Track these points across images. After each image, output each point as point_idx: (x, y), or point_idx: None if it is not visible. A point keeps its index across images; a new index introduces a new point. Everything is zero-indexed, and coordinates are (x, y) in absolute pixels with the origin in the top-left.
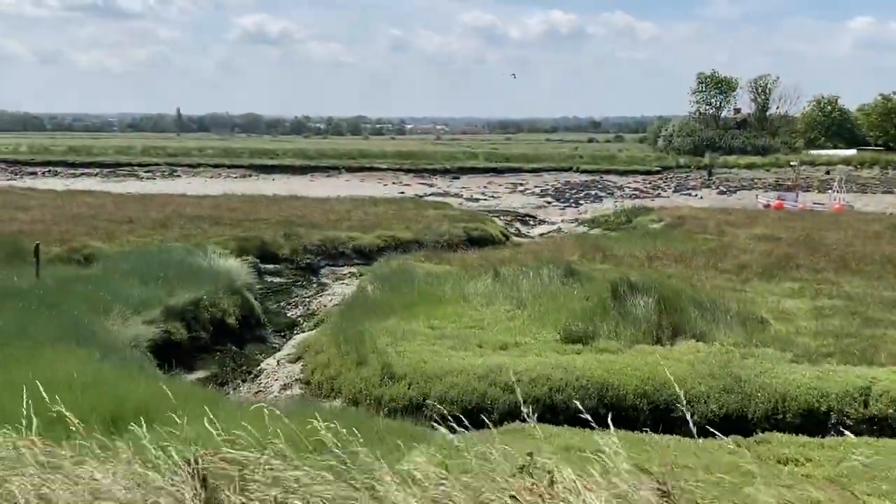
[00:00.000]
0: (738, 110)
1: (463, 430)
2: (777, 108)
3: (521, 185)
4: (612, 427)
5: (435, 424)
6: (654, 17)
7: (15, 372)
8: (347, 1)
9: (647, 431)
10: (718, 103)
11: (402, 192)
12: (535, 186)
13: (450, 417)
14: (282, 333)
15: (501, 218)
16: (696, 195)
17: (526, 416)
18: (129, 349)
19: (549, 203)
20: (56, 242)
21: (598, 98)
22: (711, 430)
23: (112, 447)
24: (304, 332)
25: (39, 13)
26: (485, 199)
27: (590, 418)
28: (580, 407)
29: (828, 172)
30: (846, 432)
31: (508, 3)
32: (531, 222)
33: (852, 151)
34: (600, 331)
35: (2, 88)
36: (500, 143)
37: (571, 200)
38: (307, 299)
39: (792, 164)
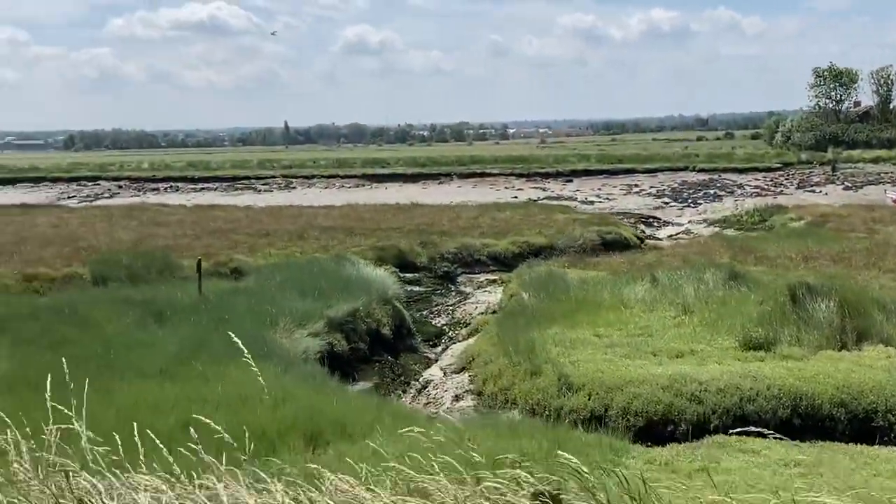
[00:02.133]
0: (857, 103)
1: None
2: None
3: (636, 186)
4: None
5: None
6: (760, 12)
7: (202, 388)
8: (447, 10)
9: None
10: (839, 96)
11: (515, 197)
12: (651, 187)
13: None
14: (431, 343)
15: (623, 221)
16: (820, 191)
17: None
18: (302, 362)
19: (666, 204)
20: (202, 257)
21: (704, 95)
22: None
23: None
24: (456, 341)
25: (150, 34)
26: (600, 202)
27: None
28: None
29: None
30: None
31: (608, 4)
32: (655, 224)
33: None
34: (781, 336)
35: (118, 108)
36: (605, 144)
37: (689, 200)
38: (450, 308)
39: None
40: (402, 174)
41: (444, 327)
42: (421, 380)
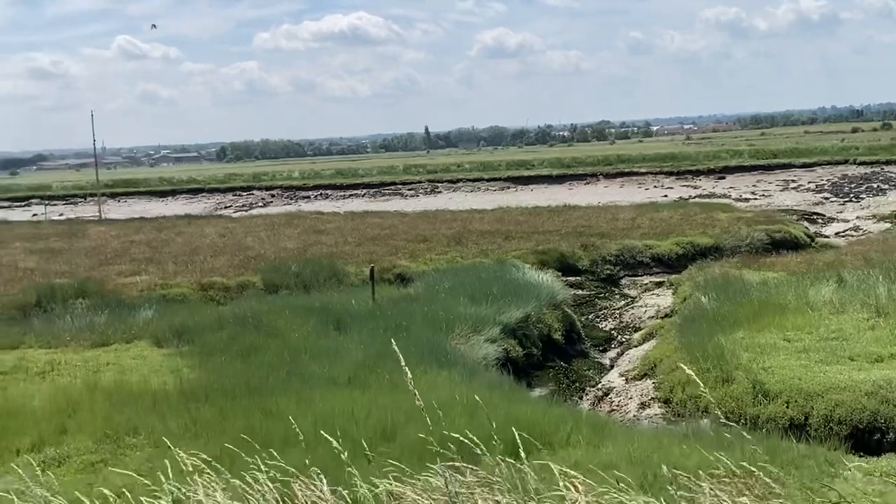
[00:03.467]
0: None
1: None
2: None
3: (793, 181)
4: None
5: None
6: None
7: (392, 395)
8: (585, 9)
9: None
10: None
11: (665, 196)
12: (809, 182)
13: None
14: (601, 348)
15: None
16: None
17: None
18: (483, 369)
19: (826, 199)
20: (364, 263)
21: (857, 85)
22: None
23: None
24: (630, 346)
25: (294, 46)
26: (755, 199)
27: None
28: None
29: None
30: None
31: None
32: (819, 221)
33: None
34: None
35: (265, 119)
36: (755, 138)
37: (851, 195)
38: (616, 312)
39: None
40: (547, 176)
41: (613, 332)
42: (600, 386)
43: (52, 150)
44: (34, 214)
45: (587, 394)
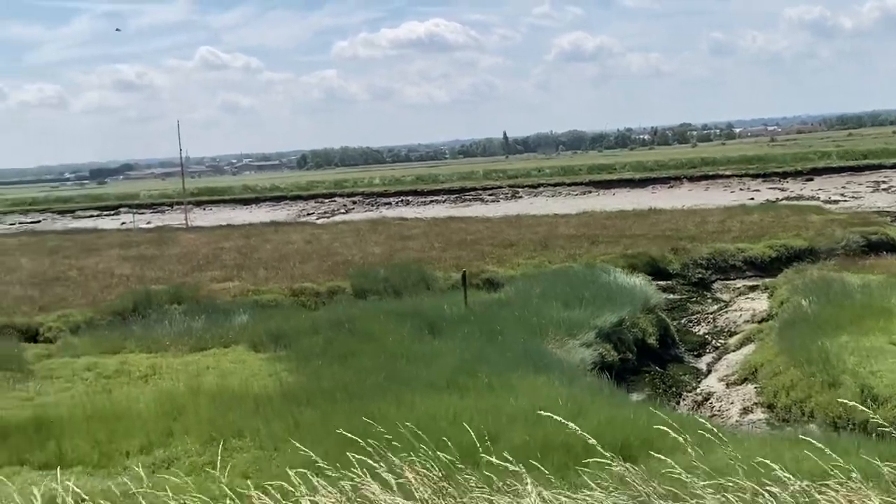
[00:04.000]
0: None
1: None
2: None
3: (884, 182)
4: None
5: None
6: None
7: (493, 399)
8: (665, 10)
9: None
10: None
11: (752, 199)
12: None
13: None
14: (695, 353)
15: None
16: None
17: None
18: (581, 374)
19: None
20: (452, 268)
21: None
22: None
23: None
24: (726, 351)
25: (372, 53)
26: (845, 201)
27: None
28: None
29: None
30: None
31: None
32: None
33: None
34: None
35: (344, 127)
36: (842, 139)
37: None
38: (710, 316)
39: None
40: (629, 179)
41: (707, 336)
42: (699, 391)
43: (137, 159)
44: (123, 223)
45: (684, 399)
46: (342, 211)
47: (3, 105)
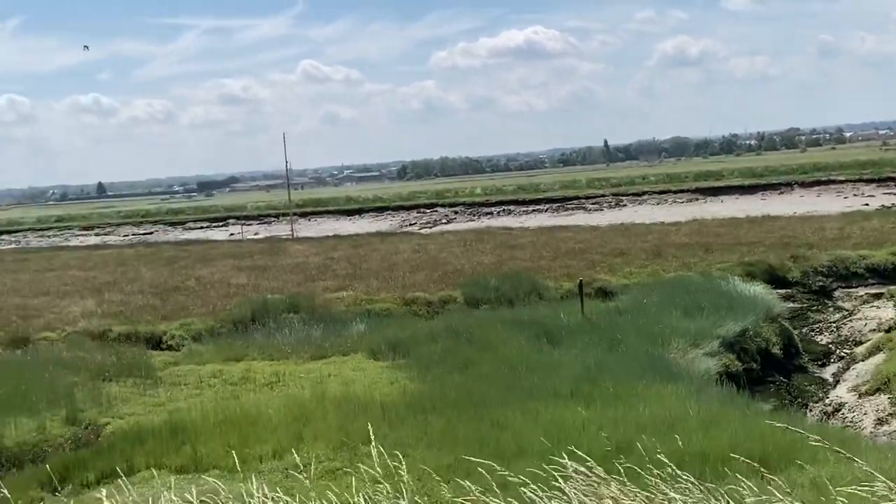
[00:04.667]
0: None
1: None
2: None
3: None
4: None
5: None
6: None
7: (621, 409)
8: (770, 13)
9: None
10: None
11: (867, 205)
12: None
13: None
14: (819, 362)
15: None
16: None
17: None
18: (707, 384)
19: None
20: (562, 278)
21: None
22: None
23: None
24: (854, 360)
25: (470, 63)
26: None
27: None
28: None
29: None
30: None
31: None
32: None
33: None
34: None
35: (443, 137)
36: None
37: None
38: (833, 325)
39: None
40: (738, 186)
41: (830, 346)
42: (829, 401)
43: (242, 172)
44: (231, 234)
45: (811, 409)
46: (444, 221)
47: (114, 120)
